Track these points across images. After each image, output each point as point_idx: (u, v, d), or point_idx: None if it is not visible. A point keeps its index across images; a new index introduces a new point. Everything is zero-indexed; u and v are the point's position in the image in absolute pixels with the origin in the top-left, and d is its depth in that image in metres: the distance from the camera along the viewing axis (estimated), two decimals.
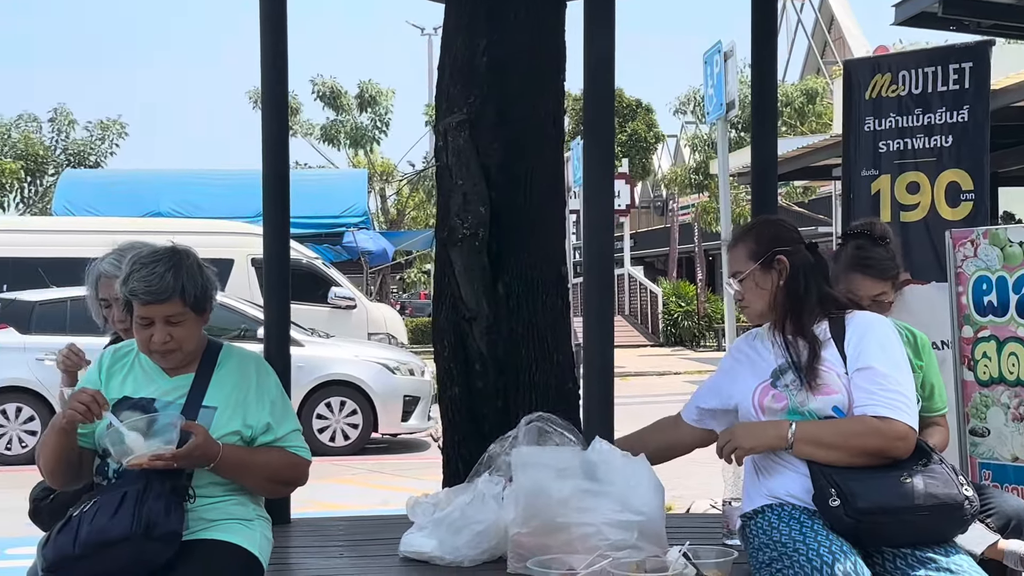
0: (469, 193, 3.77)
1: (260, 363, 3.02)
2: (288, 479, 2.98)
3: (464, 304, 3.81)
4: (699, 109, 27.07)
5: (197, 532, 2.81)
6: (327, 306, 13.24)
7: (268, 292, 3.84)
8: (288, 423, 2.96)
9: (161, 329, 2.83)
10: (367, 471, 9.77)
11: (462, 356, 3.85)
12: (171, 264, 2.83)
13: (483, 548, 3.04)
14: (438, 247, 3.93)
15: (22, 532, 7.17)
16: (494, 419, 3.80)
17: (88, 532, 2.66)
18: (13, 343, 10.69)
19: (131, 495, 2.70)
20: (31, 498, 3.41)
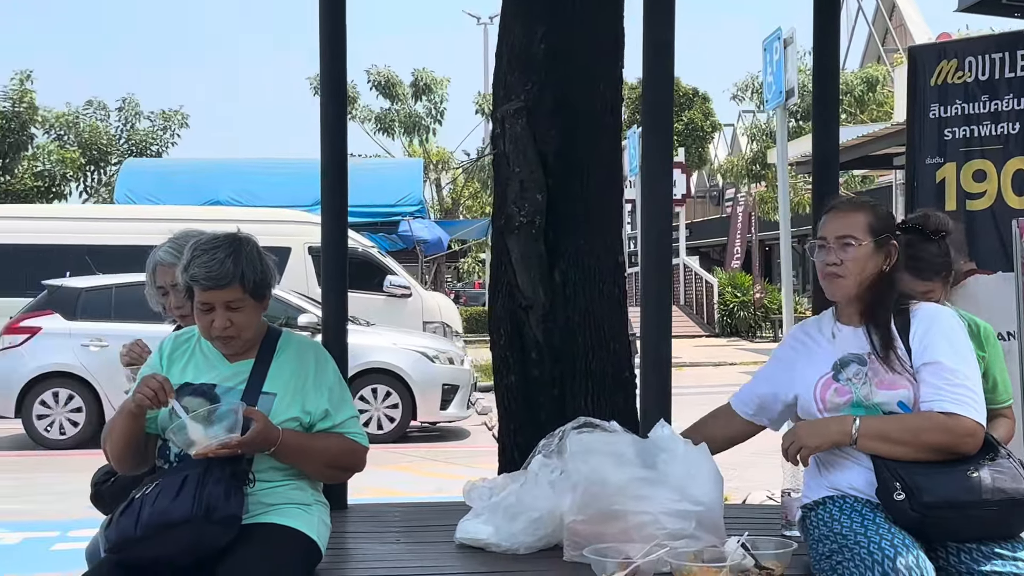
0: (526, 181, 3.77)
1: (319, 350, 3.05)
2: (346, 465, 3.00)
3: (520, 292, 3.81)
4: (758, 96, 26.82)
5: (256, 516, 2.84)
6: (382, 294, 13.31)
7: (326, 280, 3.86)
8: (346, 410, 2.98)
9: (221, 315, 2.86)
10: (421, 459, 9.83)
11: (518, 344, 3.85)
12: (231, 250, 2.86)
13: (539, 535, 3.03)
14: (495, 235, 3.93)
15: (83, 515, 7.33)
16: (550, 407, 3.80)
17: (150, 514, 2.70)
18: (59, 329, 10.86)
19: (192, 479, 2.73)
20: (92, 482, 3.47)
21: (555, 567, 2.89)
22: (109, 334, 10.82)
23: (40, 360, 10.79)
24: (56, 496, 8.41)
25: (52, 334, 10.83)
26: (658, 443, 2.97)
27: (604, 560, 2.72)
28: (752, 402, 3.05)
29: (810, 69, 4.34)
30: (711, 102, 29.11)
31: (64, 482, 8.85)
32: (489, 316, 3.98)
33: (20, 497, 8.48)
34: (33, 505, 8.11)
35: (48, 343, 10.82)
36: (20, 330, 11.02)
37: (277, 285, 3.03)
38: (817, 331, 2.90)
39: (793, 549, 2.80)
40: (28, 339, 10.87)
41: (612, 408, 3.70)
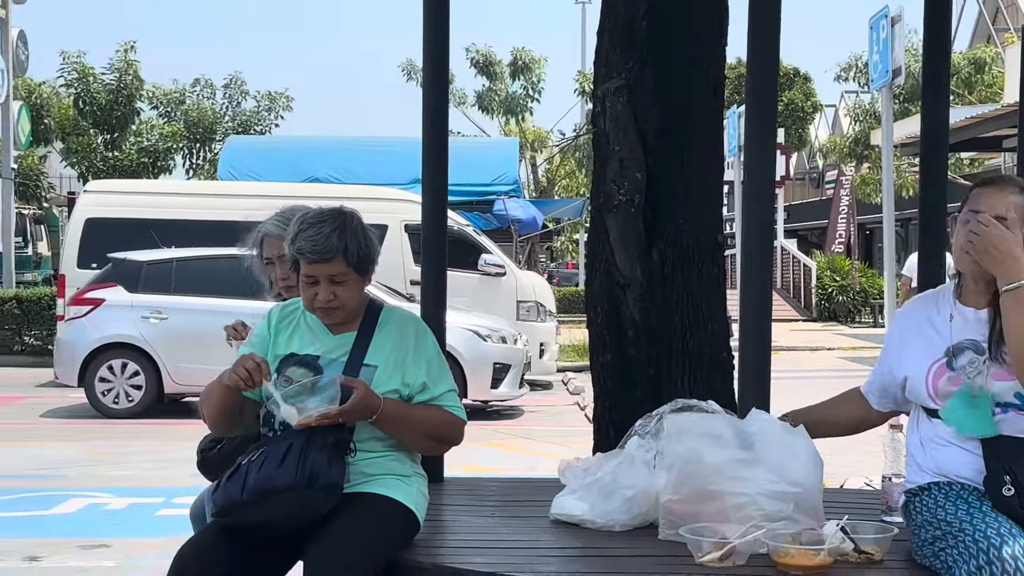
0: (626, 159, 3.75)
1: (419, 324, 3.09)
2: (444, 437, 3.04)
3: (618, 270, 3.80)
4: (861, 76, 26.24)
5: (357, 485, 2.91)
6: (477, 273, 13.38)
7: (425, 258, 3.90)
8: (444, 383, 3.02)
9: (325, 288, 2.92)
10: (514, 436, 9.89)
11: (615, 323, 3.84)
12: (336, 225, 2.92)
13: (634, 513, 3.04)
14: (593, 213, 3.92)
15: (187, 482, 7.56)
16: (646, 386, 3.79)
17: (255, 480, 2.78)
18: (121, 301, 11.16)
19: (295, 447, 2.80)
20: (199, 449, 3.57)
21: (650, 545, 2.90)
22: (168, 306, 11.12)
23: (102, 331, 11.10)
24: (158, 463, 8.68)
25: (114, 306, 11.14)
26: (756, 424, 2.95)
27: (700, 539, 2.72)
28: (875, 386, 2.98)
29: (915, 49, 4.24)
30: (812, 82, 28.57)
31: (173, 451, 9.13)
32: (586, 294, 3.98)
33: (124, 464, 8.76)
34: (137, 472, 8.37)
35: (110, 315, 11.12)
36: (84, 301, 11.35)
37: None
38: (934, 311, 2.81)
39: (894, 534, 2.76)
40: (92, 310, 11.19)
41: (708, 389, 3.67)
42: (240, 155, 18.87)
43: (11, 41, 20.82)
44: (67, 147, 24.58)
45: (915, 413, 2.84)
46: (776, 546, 2.67)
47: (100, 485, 7.79)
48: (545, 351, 13.62)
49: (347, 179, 16.98)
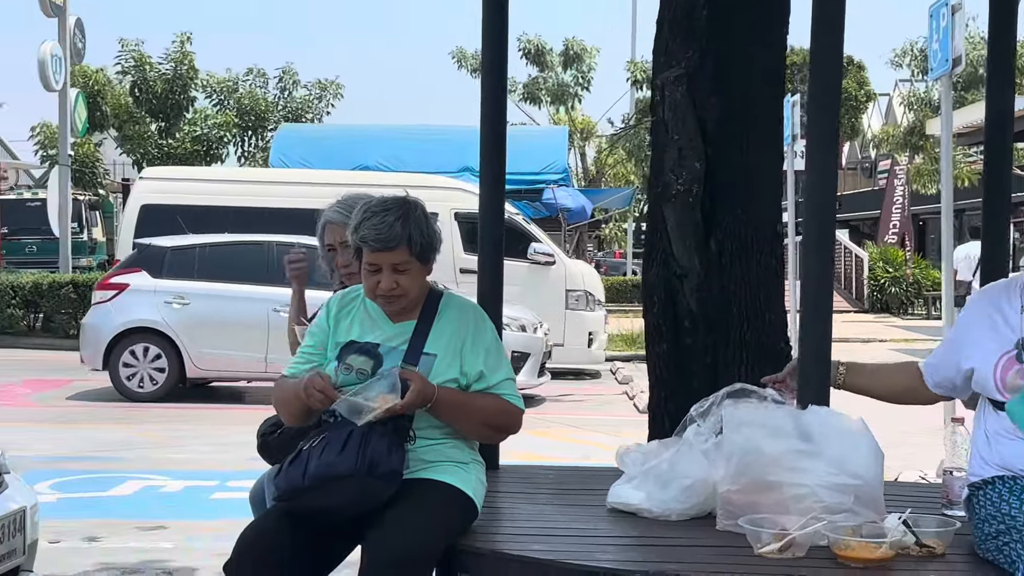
0: (684, 148, 3.74)
1: (478, 312, 3.11)
2: (501, 425, 3.06)
3: (675, 260, 3.80)
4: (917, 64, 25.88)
5: (416, 472, 2.93)
6: (526, 261, 13.37)
7: (483, 247, 3.91)
8: (502, 372, 3.03)
9: (388, 276, 2.94)
10: (562, 425, 9.90)
11: (671, 312, 3.84)
12: (400, 214, 2.94)
13: (691, 503, 3.04)
14: (651, 202, 3.92)
15: (242, 466, 7.66)
16: (702, 376, 3.78)
17: (316, 466, 2.81)
18: (145, 286, 11.27)
19: (356, 434, 2.83)
20: (259, 433, 3.62)
21: (708, 535, 2.89)
22: (191, 292, 11.21)
23: (126, 316, 11.22)
24: (213, 447, 8.80)
25: (138, 291, 11.26)
26: (815, 416, 2.93)
27: (759, 530, 2.71)
28: (934, 367, 2.94)
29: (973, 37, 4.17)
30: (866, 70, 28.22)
31: (229, 435, 9.25)
32: (643, 284, 3.98)
33: (179, 447, 8.88)
34: (192, 455, 8.48)
35: (134, 299, 11.24)
36: (110, 286, 11.50)
37: None
38: (1005, 301, 2.77)
39: (956, 528, 2.74)
40: (116, 295, 11.33)
41: None
42: (291, 143, 19.00)
43: (68, 29, 21.09)
44: (122, 134, 24.90)
45: (982, 405, 2.81)
46: (837, 538, 2.66)
47: (156, 468, 7.91)
48: (594, 340, 13.62)
49: (397, 167, 17.04)
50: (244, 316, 11.05)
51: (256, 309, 11.00)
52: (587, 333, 13.52)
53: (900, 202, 28.21)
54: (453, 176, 15.88)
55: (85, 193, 27.28)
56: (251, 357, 11.05)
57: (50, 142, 25.22)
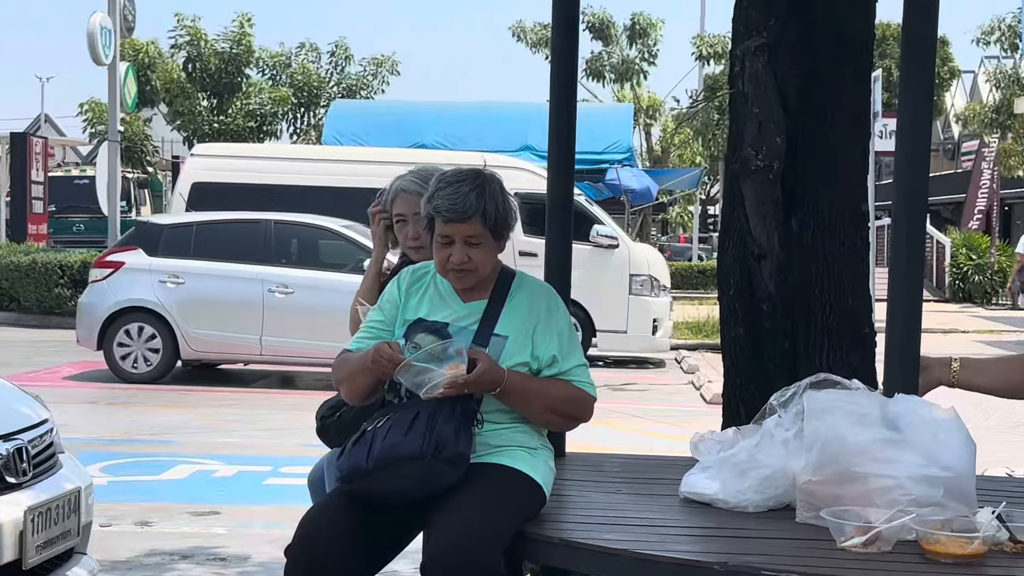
0: (765, 122, 3.70)
1: (551, 294, 3.11)
2: (571, 413, 3.06)
3: (753, 240, 3.76)
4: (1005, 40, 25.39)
5: (483, 456, 2.95)
6: (588, 244, 13.34)
7: (551, 230, 3.91)
8: (574, 357, 3.04)
9: (460, 249, 2.96)
10: (624, 415, 9.89)
11: (748, 295, 3.81)
12: (476, 185, 2.96)
13: (769, 494, 3.01)
14: (728, 179, 3.89)
15: (296, 452, 7.76)
16: (780, 362, 3.75)
17: (381, 448, 2.83)
18: (140, 264, 11.35)
19: (423, 416, 2.85)
20: (318, 416, 3.65)
21: (787, 528, 2.87)
22: (186, 271, 11.26)
23: (120, 295, 11.29)
24: (264, 432, 8.91)
25: (133, 269, 11.34)
26: (903, 404, 2.90)
27: (842, 523, 2.69)
28: None
29: None
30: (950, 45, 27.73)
31: (282, 421, 9.36)
32: (718, 265, 3.95)
33: (230, 431, 9.00)
34: (243, 439, 8.60)
35: (129, 278, 11.32)
36: (106, 264, 11.61)
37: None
38: None
39: None
40: (112, 273, 11.42)
41: (848, 366, 3.62)
42: (346, 120, 19.15)
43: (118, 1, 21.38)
44: (172, 110, 25.19)
45: None
46: (925, 532, 2.62)
47: (208, 452, 8.03)
48: (658, 327, 13.57)
49: (455, 145, 17.10)
50: (239, 296, 11.12)
51: (251, 289, 11.08)
52: (651, 320, 13.47)
53: (987, 185, 27.67)
54: (513, 155, 15.88)
55: (134, 171, 27.70)
56: (246, 339, 11.12)
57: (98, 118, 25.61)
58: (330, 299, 10.91)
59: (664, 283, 13.96)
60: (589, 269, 12.98)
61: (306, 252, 11.64)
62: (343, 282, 10.94)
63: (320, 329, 10.70)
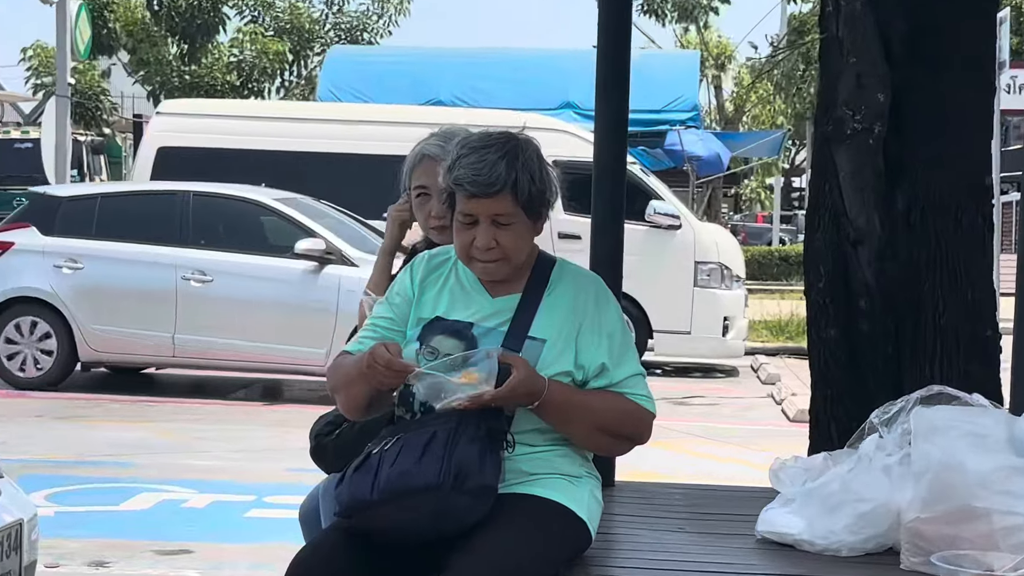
0: (864, 74, 3.71)
1: (600, 288, 3.10)
2: (624, 432, 3.04)
3: (849, 221, 3.78)
4: None
5: (513, 486, 2.94)
6: (644, 224, 13.33)
7: (599, 208, 3.93)
8: (628, 365, 3.02)
9: (485, 230, 2.95)
10: (689, 435, 9.88)
11: (842, 288, 3.82)
12: (506, 151, 2.94)
13: (867, 534, 3.03)
14: (817, 145, 3.90)
15: (281, 477, 7.79)
16: (882, 371, 3.77)
17: (389, 476, 2.83)
18: (32, 246, 11.28)
19: (440, 437, 2.84)
20: (313, 434, 3.67)
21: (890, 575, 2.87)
22: (85, 254, 11.21)
23: (7, 283, 11.24)
24: (244, 453, 8.97)
25: (24, 251, 11.28)
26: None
27: (958, 570, 2.68)
28: None
29: None
30: None
31: (253, 437, 9.42)
32: (805, 252, 3.96)
33: (202, 452, 9.06)
34: (219, 462, 8.66)
35: (18, 262, 11.27)
36: None
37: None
38: None
39: None
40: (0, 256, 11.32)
41: (966, 376, 3.63)
42: (345, 71, 19.23)
43: None
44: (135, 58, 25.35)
45: None
46: None
47: (175, 477, 8.08)
48: (730, 327, 13.55)
49: (479, 102, 17.13)
50: (147, 284, 11.13)
51: (162, 276, 11.07)
52: (721, 318, 13.46)
53: None
54: (551, 114, 15.89)
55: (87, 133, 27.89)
56: (155, 337, 11.10)
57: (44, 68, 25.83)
58: (258, 289, 11.00)
59: (737, 272, 13.96)
60: (645, 255, 12.95)
61: (231, 232, 11.52)
62: (275, 269, 10.99)
63: (247, 326, 10.79)
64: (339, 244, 11.07)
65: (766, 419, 11.13)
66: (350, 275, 10.67)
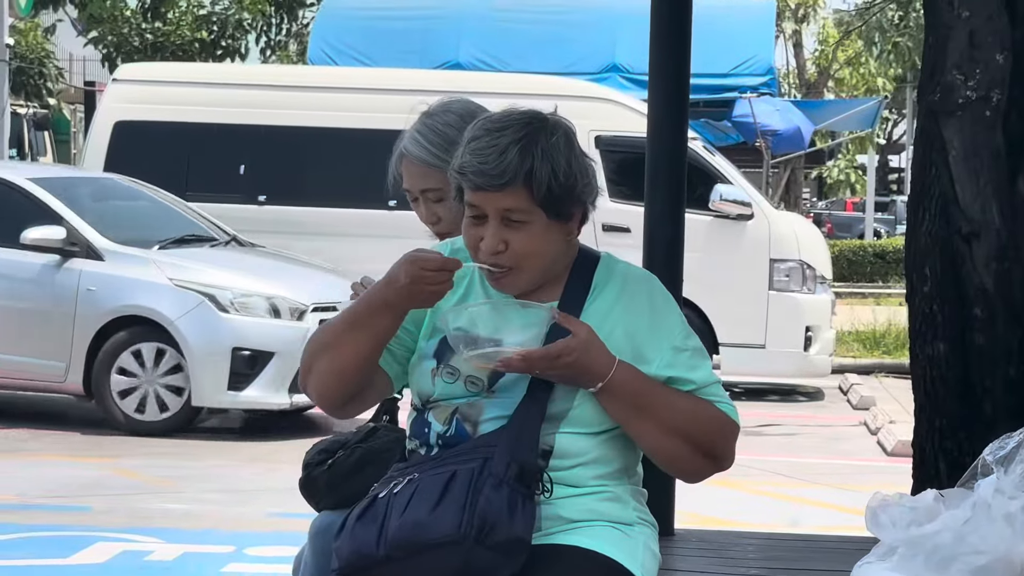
0: (978, 31, 3.72)
1: (655, 287, 3.11)
2: (708, 444, 3.03)
3: (961, 211, 3.79)
4: None
5: (553, 535, 2.95)
6: (707, 214, 13.33)
7: (653, 187, 3.95)
8: (701, 372, 3.03)
9: (495, 230, 2.95)
10: (764, 471, 9.89)
11: (952, 293, 3.84)
12: (523, 135, 2.94)
13: None
14: (922, 118, 3.91)
15: (265, 524, 7.83)
16: (1000, 394, 3.79)
17: (399, 527, 2.85)
18: None
19: (461, 478, 2.86)
20: (304, 463, 3.72)
21: None
22: None
23: None
24: (222, 493, 9.01)
25: None
26: None
27: None
28: None
29: None
30: None
31: (233, 476, 9.44)
32: (907, 248, 3.98)
33: (171, 492, 9.10)
34: (191, 505, 8.69)
35: None
36: None
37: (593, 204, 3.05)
38: None
39: None
40: None
41: None
42: (342, 28, 19.23)
43: None
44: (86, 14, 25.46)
45: None
46: None
47: (139, 524, 8.12)
48: (814, 340, 13.53)
49: (504, 66, 17.16)
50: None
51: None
52: (803, 329, 13.45)
53: None
54: (593, 79, 15.91)
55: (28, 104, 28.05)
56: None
57: None
58: None
59: (823, 273, 13.94)
60: (709, 252, 12.97)
61: None
62: (17, 263, 11.02)
63: None
64: (87, 233, 11.08)
65: (858, 452, 11.12)
66: (93, 271, 10.82)
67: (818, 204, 42.23)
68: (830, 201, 45.35)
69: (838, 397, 14.16)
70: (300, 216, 13.57)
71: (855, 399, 13.67)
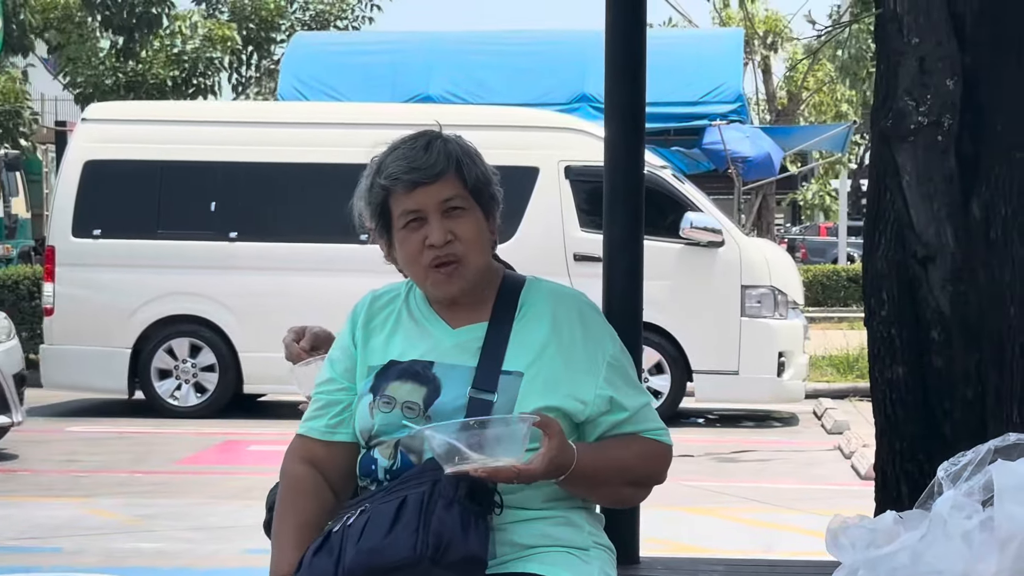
0: (928, 57, 3.74)
1: (584, 304, 3.16)
2: (646, 477, 3.12)
3: (916, 235, 3.80)
4: None
5: (506, 562, 2.97)
6: (678, 241, 13.37)
7: (612, 221, 3.96)
8: (636, 394, 3.09)
9: (438, 224, 3.02)
10: (736, 497, 9.90)
11: (910, 317, 3.85)
12: (434, 137, 3.06)
13: None
14: (876, 143, 3.93)
15: (239, 561, 7.80)
16: (960, 418, 3.79)
17: (355, 555, 2.86)
18: None
19: (412, 503, 2.88)
20: (268, 504, 3.70)
21: None
22: None
23: None
24: (194, 530, 8.97)
25: None
26: None
27: None
28: None
29: None
30: None
31: (208, 510, 9.41)
32: (864, 273, 4.00)
33: (143, 530, 9.06)
34: (163, 544, 8.66)
35: None
36: None
37: None
38: None
39: None
40: None
41: None
42: (313, 62, 19.25)
43: None
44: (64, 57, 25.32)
45: None
46: None
47: (115, 564, 8.07)
48: (787, 365, 13.56)
49: (476, 98, 17.21)
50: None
51: None
52: (776, 354, 13.48)
53: None
54: (563, 110, 15.95)
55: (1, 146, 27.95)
56: None
57: None
58: None
59: (794, 298, 13.97)
60: (680, 279, 13.02)
61: None
62: None
63: None
64: None
65: (833, 477, 11.12)
66: None
67: (791, 230, 42.30)
68: (804, 226, 45.48)
69: (812, 422, 14.18)
70: (271, 252, 13.57)
71: (829, 423, 13.68)
